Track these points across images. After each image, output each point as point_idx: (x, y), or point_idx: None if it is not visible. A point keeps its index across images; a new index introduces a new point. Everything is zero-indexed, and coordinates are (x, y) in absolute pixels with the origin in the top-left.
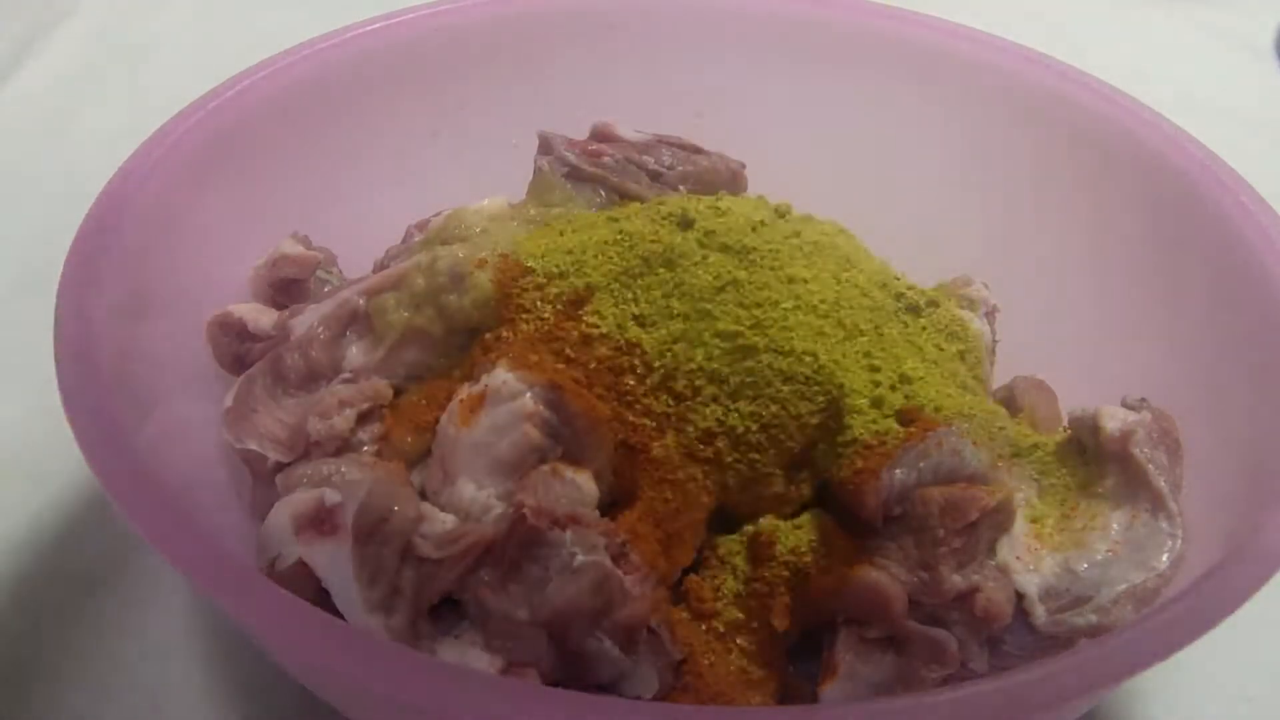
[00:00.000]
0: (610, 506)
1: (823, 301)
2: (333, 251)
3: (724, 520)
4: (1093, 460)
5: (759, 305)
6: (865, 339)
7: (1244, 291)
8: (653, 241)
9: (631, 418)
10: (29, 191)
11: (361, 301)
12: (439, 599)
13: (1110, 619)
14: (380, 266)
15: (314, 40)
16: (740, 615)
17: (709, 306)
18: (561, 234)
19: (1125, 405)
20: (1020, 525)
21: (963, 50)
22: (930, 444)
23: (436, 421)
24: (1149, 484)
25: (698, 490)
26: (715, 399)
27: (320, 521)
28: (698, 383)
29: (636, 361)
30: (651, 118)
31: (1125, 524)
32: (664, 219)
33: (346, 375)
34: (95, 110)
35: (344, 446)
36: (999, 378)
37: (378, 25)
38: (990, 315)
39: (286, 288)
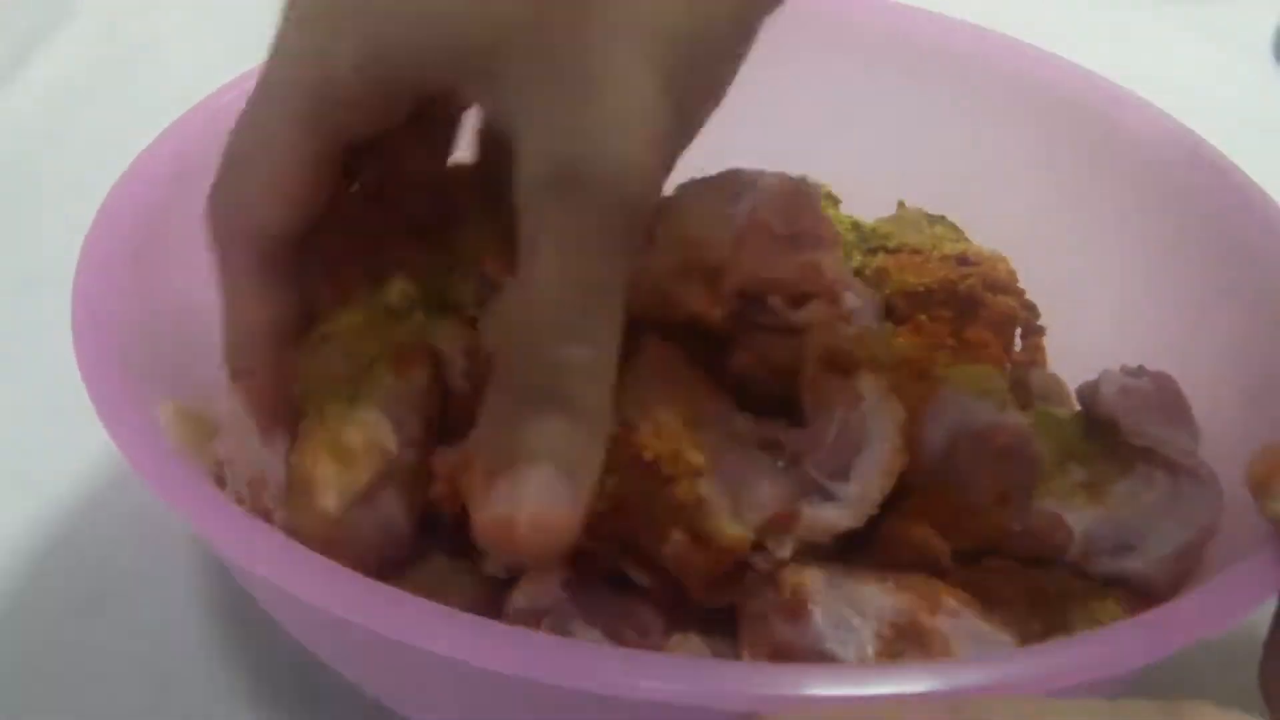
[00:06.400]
0: None
1: None
2: None
3: None
4: (1101, 431)
5: None
6: None
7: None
8: None
9: None
10: (30, 191)
11: None
12: None
13: (1155, 569)
14: None
15: None
16: None
17: None
18: None
19: (1123, 372)
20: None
21: (963, 46)
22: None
23: None
24: (1157, 451)
25: None
26: None
27: None
28: None
29: None
30: None
31: (1148, 485)
32: None
33: None
34: (97, 110)
35: None
36: None
37: None
38: None
39: None
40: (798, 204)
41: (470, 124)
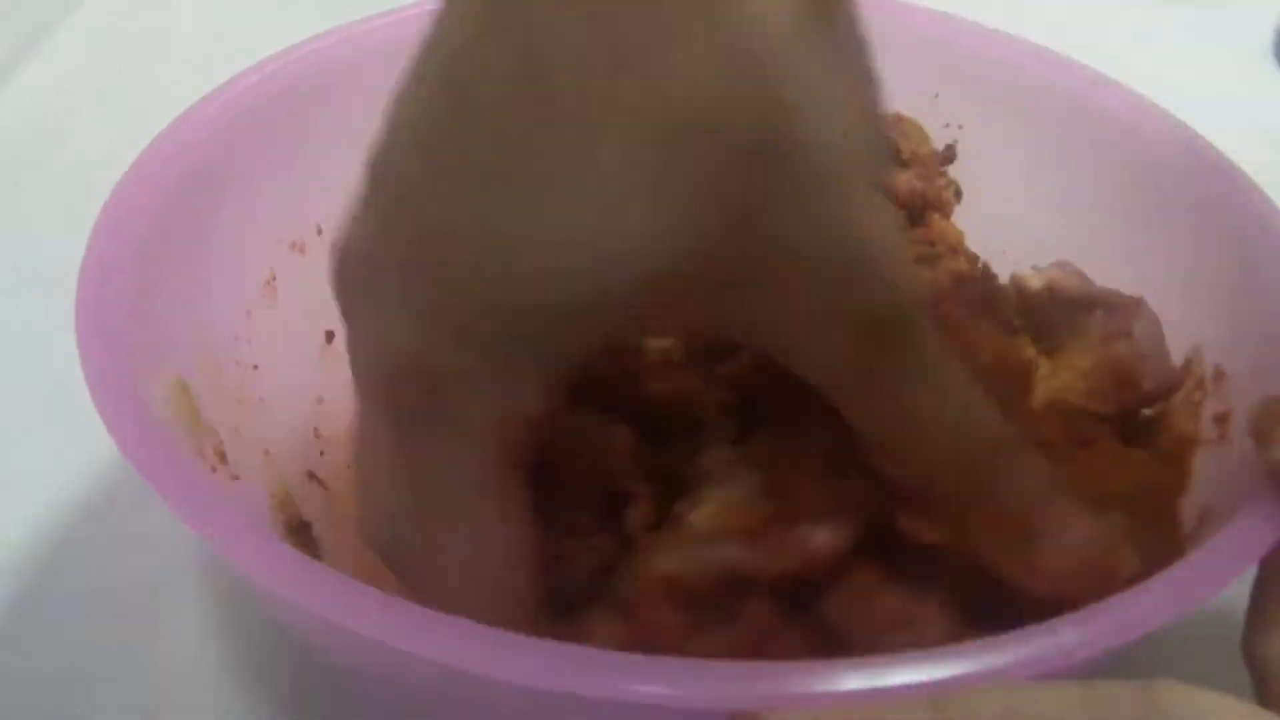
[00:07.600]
0: None
1: None
2: None
3: None
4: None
5: None
6: None
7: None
8: None
9: None
10: (32, 188)
11: None
12: None
13: None
14: None
15: (320, 36)
16: None
17: None
18: None
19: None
20: None
21: (962, 40)
22: None
23: None
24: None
25: None
26: None
27: None
28: None
29: None
30: None
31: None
32: None
33: None
34: (99, 109)
35: None
36: None
37: (384, 21)
38: None
39: None
40: None
41: None
